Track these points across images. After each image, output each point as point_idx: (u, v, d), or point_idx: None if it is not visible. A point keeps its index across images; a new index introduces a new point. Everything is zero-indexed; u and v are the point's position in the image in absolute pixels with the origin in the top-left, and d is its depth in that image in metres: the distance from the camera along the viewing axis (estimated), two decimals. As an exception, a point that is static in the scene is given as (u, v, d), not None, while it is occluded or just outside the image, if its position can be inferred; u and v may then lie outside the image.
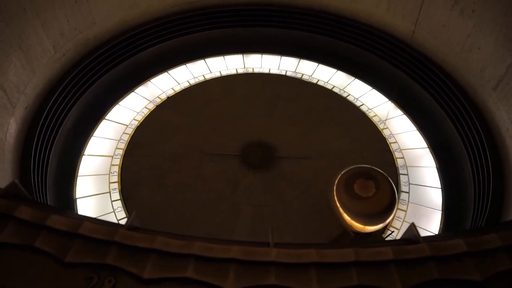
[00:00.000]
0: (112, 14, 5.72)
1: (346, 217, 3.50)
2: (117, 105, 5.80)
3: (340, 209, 3.50)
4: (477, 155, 4.62)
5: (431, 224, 4.59)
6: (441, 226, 4.56)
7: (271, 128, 5.60)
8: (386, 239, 4.40)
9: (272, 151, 5.28)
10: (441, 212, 4.71)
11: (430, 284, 1.50)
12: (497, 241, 1.54)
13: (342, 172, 3.61)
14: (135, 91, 6.06)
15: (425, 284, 1.50)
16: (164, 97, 6.01)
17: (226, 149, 5.27)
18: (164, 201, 4.71)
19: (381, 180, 3.43)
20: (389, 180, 3.47)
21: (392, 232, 4.47)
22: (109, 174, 4.93)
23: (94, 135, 5.36)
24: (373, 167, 3.60)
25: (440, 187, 4.96)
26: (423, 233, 4.49)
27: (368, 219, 3.47)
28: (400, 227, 4.59)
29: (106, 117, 5.60)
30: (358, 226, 3.56)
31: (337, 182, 3.56)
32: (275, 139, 5.43)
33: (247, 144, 5.34)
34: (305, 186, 4.95)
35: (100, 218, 4.46)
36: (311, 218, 4.63)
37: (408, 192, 4.94)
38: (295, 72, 6.57)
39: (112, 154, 5.17)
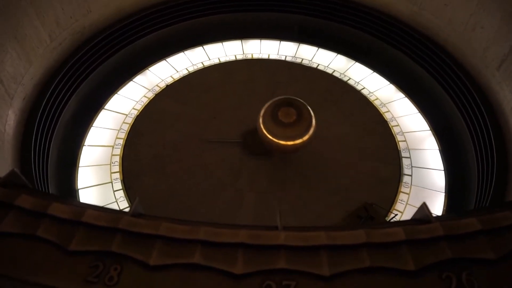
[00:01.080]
0: (108, 2, 5.60)
1: (276, 141, 4.14)
2: (115, 95, 5.73)
3: (270, 137, 4.14)
4: (480, 136, 4.58)
5: (434, 206, 4.57)
6: (445, 208, 4.55)
7: (272, 114, 5.53)
8: (390, 221, 4.39)
9: (274, 138, 5.22)
10: (444, 194, 4.69)
11: (443, 264, 1.47)
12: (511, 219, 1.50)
13: (266, 106, 4.26)
14: (134, 80, 5.97)
15: (438, 263, 1.47)
16: (163, 85, 5.93)
17: (226, 136, 5.22)
18: (166, 190, 4.68)
19: (300, 106, 4.20)
20: (306, 105, 4.25)
21: (396, 215, 4.45)
22: (110, 164, 4.89)
23: (93, 125, 5.30)
24: (292, 97, 4.29)
25: (443, 169, 4.93)
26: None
27: (294, 138, 4.13)
28: (404, 210, 4.57)
29: (105, 107, 5.53)
30: (286, 146, 4.17)
31: (264, 114, 4.19)
32: (276, 125, 5.36)
33: (248, 130, 5.28)
34: (308, 172, 4.92)
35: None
36: (314, 203, 4.61)
37: (411, 175, 4.91)
38: (294, 57, 6.48)
39: (112, 144, 5.12)
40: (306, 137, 4.14)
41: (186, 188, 4.72)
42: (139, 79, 6.01)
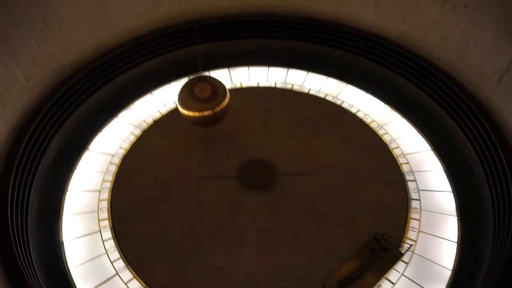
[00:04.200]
0: (87, 37, 5.33)
1: (200, 114, 4.28)
2: (99, 134, 5.38)
3: (196, 114, 4.28)
4: (487, 153, 4.41)
5: (448, 230, 4.33)
6: (459, 233, 4.31)
7: (267, 143, 5.29)
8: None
9: (271, 169, 4.95)
10: (456, 217, 4.46)
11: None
12: None
13: (181, 88, 4.39)
14: (118, 116, 5.65)
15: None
16: (150, 120, 5.62)
17: (222, 171, 4.91)
18: (161, 234, 4.30)
19: (212, 81, 4.41)
20: (217, 79, 4.52)
21: (411, 245, 4.18)
22: (97, 211, 4.49)
23: (77, 168, 4.92)
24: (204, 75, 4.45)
25: (451, 190, 4.72)
26: (442, 243, 4.24)
27: (213, 106, 4.28)
28: (417, 239, 4.31)
29: (89, 148, 5.17)
30: (209, 116, 4.32)
31: (182, 96, 4.33)
32: (272, 155, 5.11)
33: (244, 163, 5.00)
34: (311, 203, 4.64)
35: (92, 261, 4.01)
36: (322, 238, 4.30)
37: (419, 199, 4.68)
38: (284, 83, 6.30)
39: (99, 188, 4.73)
40: (224, 103, 4.38)
41: (183, 230, 4.35)
42: (124, 115, 5.69)
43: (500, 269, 3.35)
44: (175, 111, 5.75)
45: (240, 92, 6.12)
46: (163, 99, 5.97)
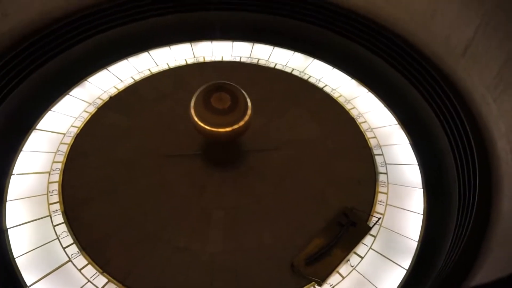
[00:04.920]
0: (29, 4, 4.79)
1: (214, 130, 3.82)
2: (49, 112, 4.93)
3: (208, 127, 3.84)
4: (452, 125, 4.41)
5: (414, 203, 4.32)
6: (425, 205, 4.31)
7: (233, 120, 5.05)
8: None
9: (237, 145, 4.73)
10: (422, 190, 4.46)
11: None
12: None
13: (196, 94, 3.98)
14: (70, 93, 5.20)
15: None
16: (106, 97, 5.21)
17: (185, 148, 4.64)
18: (121, 217, 4.00)
19: (233, 90, 3.97)
20: (239, 88, 4.04)
21: (379, 219, 4.13)
22: (47, 194, 4.10)
23: (23, 149, 4.47)
24: (224, 81, 4.06)
25: (417, 163, 4.72)
26: (408, 215, 4.22)
27: (232, 123, 3.85)
28: (384, 212, 4.27)
29: (36, 127, 4.72)
30: (227, 134, 3.85)
31: (195, 104, 3.92)
32: (238, 131, 4.88)
33: (208, 140, 4.74)
34: (278, 180, 4.48)
35: (40, 248, 3.66)
36: (291, 214, 4.17)
37: (386, 173, 4.64)
38: (250, 57, 6.05)
39: (49, 170, 4.33)
40: (245, 120, 3.94)
41: (145, 212, 4.07)
42: (77, 91, 5.25)
43: (465, 239, 3.35)
44: (133, 87, 5.39)
45: (203, 67, 5.82)
46: (120, 74, 5.56)
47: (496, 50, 3.74)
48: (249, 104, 4.02)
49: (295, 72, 5.81)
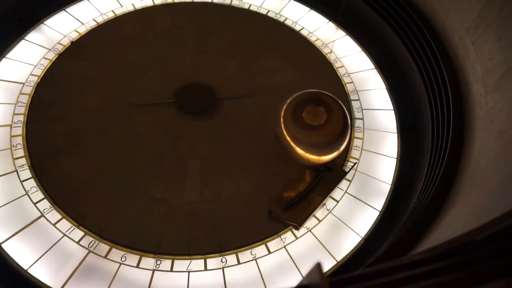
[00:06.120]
0: None
1: (299, 150, 3.06)
2: (3, 59, 4.52)
3: (292, 143, 3.03)
4: (429, 69, 4.35)
5: (388, 149, 4.39)
6: (399, 149, 4.38)
7: (206, 65, 4.82)
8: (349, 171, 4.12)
9: (211, 93, 4.56)
10: (396, 134, 4.51)
11: None
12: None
13: (288, 101, 3.20)
14: (26, 38, 4.76)
15: None
16: (66, 42, 4.80)
17: (157, 97, 4.43)
18: (91, 170, 3.86)
19: (331, 104, 3.11)
20: (339, 103, 3.18)
21: (354, 164, 4.18)
22: (11, 148, 3.87)
23: (-22, 101, 4.14)
24: (321, 90, 3.25)
25: (392, 108, 4.72)
26: (382, 160, 4.30)
27: (323, 149, 3.16)
28: (360, 157, 4.32)
29: (-9, 76, 4.34)
30: (312, 158, 3.16)
31: (284, 113, 3.14)
32: (212, 77, 4.69)
33: (181, 87, 4.54)
34: (254, 128, 4.40)
35: (8, 205, 3.52)
36: (266, 161, 4.15)
37: (362, 118, 4.63)
38: (222, -3, 5.66)
39: (10, 123, 4.05)
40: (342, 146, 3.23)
41: (118, 164, 3.94)
42: (34, 36, 4.81)
43: (437, 181, 3.45)
44: (96, 30, 4.98)
45: (172, 8, 5.41)
46: (81, 17, 5.10)
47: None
48: (349, 120, 3.21)
49: (270, 14, 5.51)
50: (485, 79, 3.41)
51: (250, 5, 5.58)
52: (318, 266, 0.92)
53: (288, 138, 3.10)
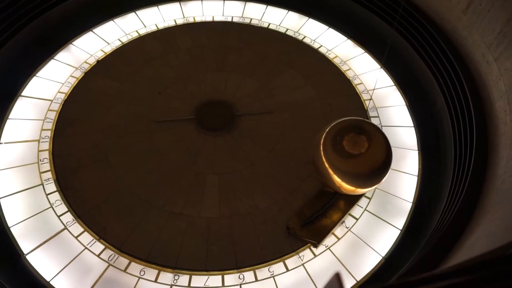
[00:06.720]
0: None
1: (336, 178, 3.02)
2: (34, 78, 4.74)
3: (330, 170, 2.99)
4: (450, 85, 4.30)
5: (409, 166, 4.31)
6: (420, 167, 4.30)
7: (225, 82, 4.91)
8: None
9: (230, 109, 4.63)
10: (417, 151, 4.44)
11: None
12: None
13: (328, 128, 3.07)
14: (55, 57, 4.98)
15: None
16: (92, 61, 5.01)
17: (177, 113, 4.53)
18: (113, 185, 3.95)
19: (372, 133, 2.95)
20: (381, 132, 3.06)
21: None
22: (38, 163, 4.02)
23: (9, 117, 4.33)
24: (362, 118, 3.13)
25: (412, 125, 4.66)
26: (403, 177, 4.22)
27: (361, 180, 3.01)
28: (380, 173, 4.26)
29: (22, 94, 4.55)
30: (348, 189, 3.12)
31: (324, 140, 3.01)
32: (231, 95, 4.77)
33: (201, 104, 4.63)
34: (272, 144, 4.42)
35: (35, 217, 3.63)
36: (283, 177, 4.15)
37: (382, 135, 4.58)
38: (242, 17, 5.79)
39: (38, 138, 4.22)
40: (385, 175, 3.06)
41: (138, 179, 4.02)
42: (62, 56, 5.03)
43: (460, 200, 3.36)
44: (120, 50, 5.17)
45: (193, 28, 5.58)
46: (107, 36, 5.31)
47: (499, 7, 3.57)
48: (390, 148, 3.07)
49: (289, 32, 5.60)
50: (510, 95, 3.34)
51: (269, 24, 5.70)
52: (337, 276, 0.92)
53: (327, 165, 2.98)
